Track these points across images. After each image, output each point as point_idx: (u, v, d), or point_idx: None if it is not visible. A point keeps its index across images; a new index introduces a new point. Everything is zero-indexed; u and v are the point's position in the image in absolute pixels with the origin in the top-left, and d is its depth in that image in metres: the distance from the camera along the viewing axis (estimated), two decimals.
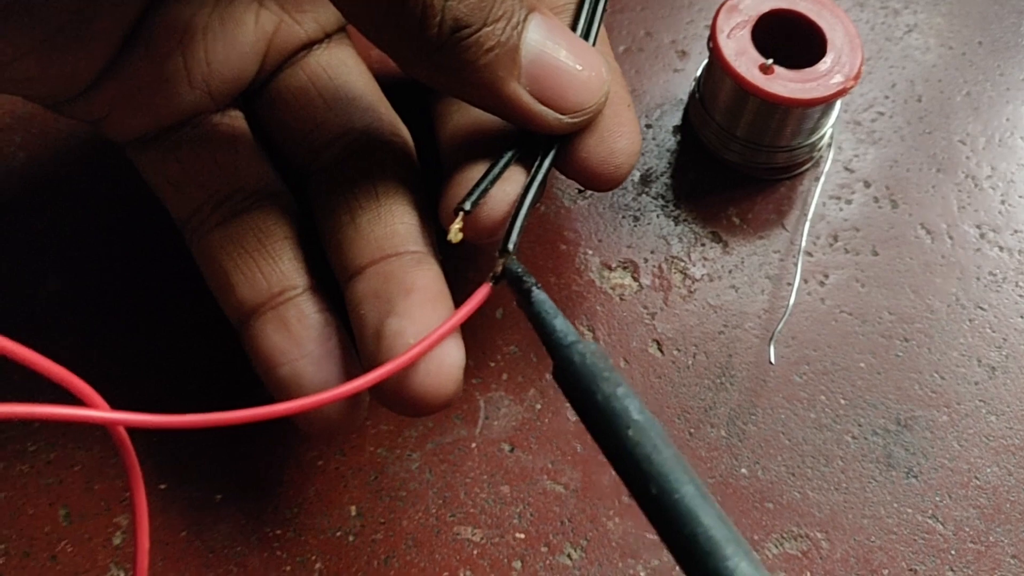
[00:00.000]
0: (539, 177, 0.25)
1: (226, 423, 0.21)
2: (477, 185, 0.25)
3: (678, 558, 0.17)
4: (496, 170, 0.25)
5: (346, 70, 0.29)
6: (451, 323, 0.23)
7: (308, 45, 0.28)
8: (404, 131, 0.29)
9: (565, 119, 0.24)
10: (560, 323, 0.21)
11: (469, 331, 0.31)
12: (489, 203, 0.24)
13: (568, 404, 0.30)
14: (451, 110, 0.27)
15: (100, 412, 0.20)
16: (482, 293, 0.24)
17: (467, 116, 0.27)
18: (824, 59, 0.31)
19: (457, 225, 0.24)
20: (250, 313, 0.26)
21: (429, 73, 0.23)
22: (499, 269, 0.24)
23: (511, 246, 0.24)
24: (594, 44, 0.26)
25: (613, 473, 0.29)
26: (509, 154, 0.25)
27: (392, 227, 0.26)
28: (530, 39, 0.23)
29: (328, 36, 0.29)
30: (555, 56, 0.24)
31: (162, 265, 0.32)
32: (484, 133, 0.26)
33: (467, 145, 0.26)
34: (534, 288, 0.22)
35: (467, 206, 0.24)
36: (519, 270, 0.23)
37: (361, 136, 0.28)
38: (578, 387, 0.20)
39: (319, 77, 0.28)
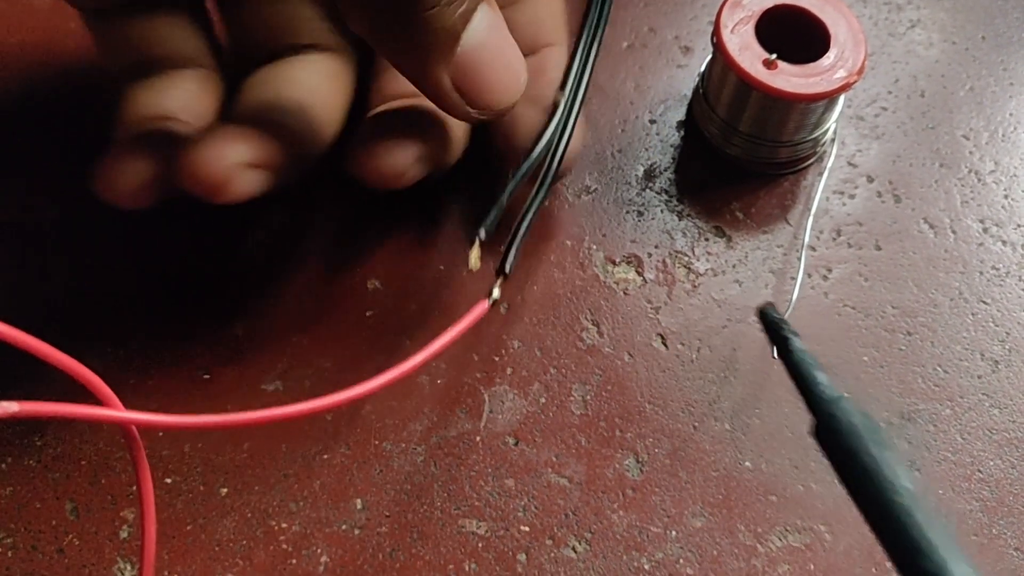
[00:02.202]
0: (536, 203, 0.27)
1: (243, 424, 0.21)
2: (489, 212, 0.26)
3: None
4: (505, 196, 0.27)
5: None
6: (447, 338, 0.25)
7: None
8: None
9: (473, 113, 0.24)
10: (823, 377, 0.21)
11: (473, 327, 0.31)
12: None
13: (573, 397, 0.30)
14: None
15: (117, 412, 0.20)
16: (479, 311, 0.26)
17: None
18: (827, 54, 0.31)
19: (476, 252, 0.26)
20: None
21: (370, 28, 0.23)
22: (496, 290, 0.26)
23: (508, 269, 0.27)
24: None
25: (617, 466, 0.29)
26: (515, 180, 0.27)
27: None
28: (472, 30, 0.23)
29: None
30: (488, 54, 0.23)
31: (167, 251, 0.32)
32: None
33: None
34: (792, 337, 0.22)
35: (482, 234, 0.26)
36: (777, 317, 0.23)
37: None
38: (843, 446, 0.19)
39: None
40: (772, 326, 0.23)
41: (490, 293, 0.26)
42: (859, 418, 0.20)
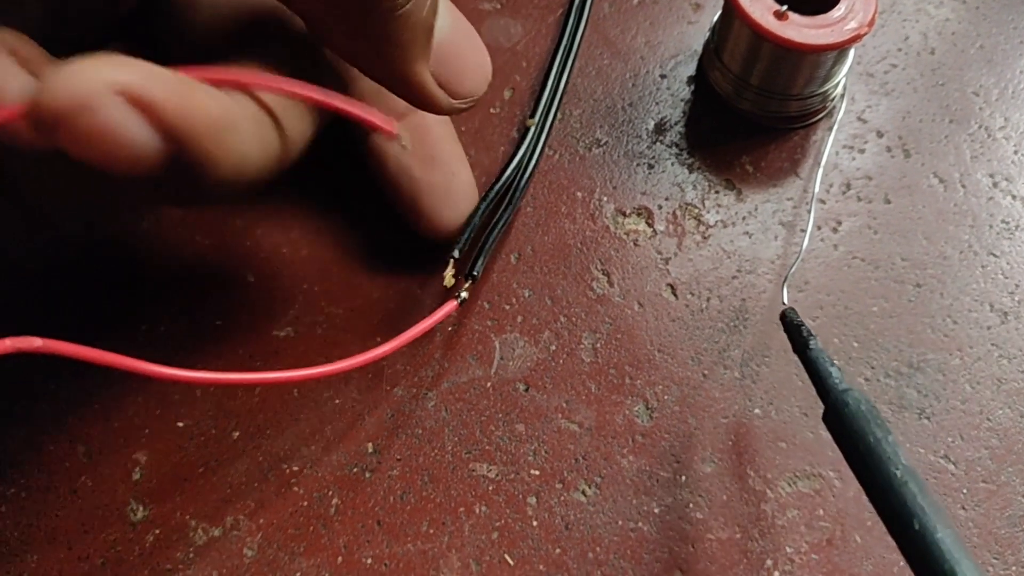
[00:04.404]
0: (505, 218, 0.30)
1: (275, 382, 0.22)
2: (461, 232, 0.29)
3: None
4: (477, 216, 0.30)
5: None
6: (415, 331, 0.27)
7: None
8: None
9: (455, 103, 0.24)
10: (836, 372, 0.24)
11: (484, 276, 0.31)
12: None
13: (583, 345, 0.30)
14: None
15: (138, 363, 0.21)
16: (448, 308, 0.28)
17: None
18: (839, 6, 0.31)
19: (450, 271, 0.28)
20: None
21: (345, 39, 0.22)
22: (464, 292, 0.29)
23: (476, 272, 0.29)
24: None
25: (627, 412, 0.29)
26: (487, 202, 0.30)
27: None
28: (440, 19, 0.23)
29: None
30: (458, 42, 0.24)
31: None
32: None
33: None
34: (811, 339, 0.26)
35: (456, 254, 0.29)
36: (797, 321, 0.27)
37: None
38: (850, 429, 0.23)
39: None
40: (793, 329, 0.27)
41: (458, 294, 0.29)
42: (865, 406, 0.23)
